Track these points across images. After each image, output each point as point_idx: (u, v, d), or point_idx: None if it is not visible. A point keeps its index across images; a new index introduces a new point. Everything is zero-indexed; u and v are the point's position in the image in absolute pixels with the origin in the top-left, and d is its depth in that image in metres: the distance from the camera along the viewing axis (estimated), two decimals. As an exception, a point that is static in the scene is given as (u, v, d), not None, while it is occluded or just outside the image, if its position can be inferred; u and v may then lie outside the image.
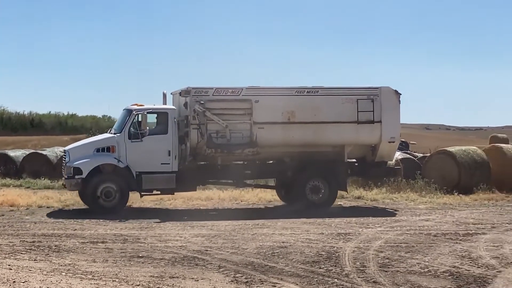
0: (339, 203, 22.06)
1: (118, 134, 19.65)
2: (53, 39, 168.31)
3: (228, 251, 12.78)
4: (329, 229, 15.85)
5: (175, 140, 19.75)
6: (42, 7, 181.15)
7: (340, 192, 23.13)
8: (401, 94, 21.01)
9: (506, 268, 11.20)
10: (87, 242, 13.81)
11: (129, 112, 19.91)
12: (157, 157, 19.57)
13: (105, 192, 19.21)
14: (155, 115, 20.18)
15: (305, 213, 18.78)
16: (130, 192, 19.72)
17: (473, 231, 15.42)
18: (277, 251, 12.78)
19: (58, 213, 19.17)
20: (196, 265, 11.50)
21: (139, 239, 14.30)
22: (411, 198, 22.81)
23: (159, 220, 17.36)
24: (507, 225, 16.64)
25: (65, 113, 78.34)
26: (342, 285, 9.99)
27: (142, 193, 20.10)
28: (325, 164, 20.76)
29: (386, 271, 10.92)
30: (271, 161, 21.20)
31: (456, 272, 10.85)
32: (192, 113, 19.64)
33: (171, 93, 21.58)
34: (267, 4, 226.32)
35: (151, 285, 9.92)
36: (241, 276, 10.56)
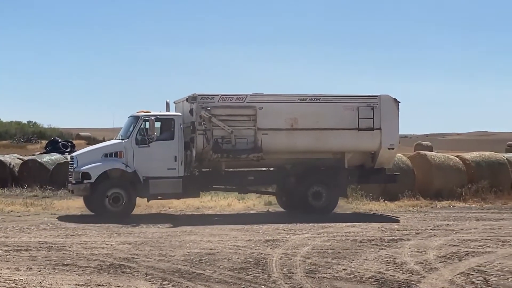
0: (266, 209, 22.17)
1: (125, 140, 19.96)
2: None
3: (155, 259, 12.68)
4: (257, 235, 15.88)
5: (181, 146, 20.10)
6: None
7: (268, 198, 23.35)
8: (400, 102, 21.51)
9: (430, 273, 11.41)
10: (11, 250, 13.51)
11: (136, 118, 20.21)
12: (163, 163, 19.91)
13: (113, 198, 19.47)
14: (159, 122, 20.32)
15: (233, 220, 18.82)
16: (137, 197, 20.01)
17: (398, 237, 15.66)
18: (204, 258, 12.74)
19: (-19, 221, 18.72)
20: (123, 272, 11.38)
21: (64, 246, 14.06)
22: (338, 205, 22.99)
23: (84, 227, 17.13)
24: (431, 231, 16.96)
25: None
26: (269, 291, 10.01)
27: (149, 199, 20.37)
28: (327, 171, 21.14)
29: (312, 277, 11.00)
30: (274, 168, 21.57)
31: (381, 278, 11.00)
32: (198, 119, 19.95)
33: (174, 102, 21.98)
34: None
35: (76, 293, 9.76)
36: (168, 284, 10.49)
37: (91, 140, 79.57)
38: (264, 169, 21.65)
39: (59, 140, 42.21)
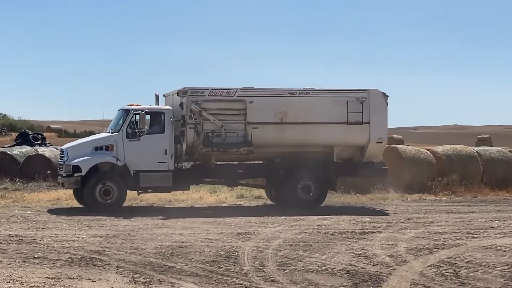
0: (239, 203, 22.18)
1: (116, 133, 19.97)
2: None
3: (126, 252, 12.64)
4: (229, 228, 15.89)
5: (172, 139, 20.14)
6: None
7: (240, 192, 23.37)
8: (388, 96, 21.55)
9: (400, 266, 11.49)
10: (-20, 243, 13.40)
11: (126, 112, 20.21)
12: (154, 156, 19.95)
13: (104, 190, 19.48)
14: (149, 115, 20.33)
15: (205, 213, 18.82)
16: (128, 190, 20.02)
17: (369, 230, 15.76)
18: (176, 251, 12.72)
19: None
20: (94, 265, 11.33)
21: (35, 239, 13.97)
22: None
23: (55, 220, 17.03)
24: (401, 224, 17.08)
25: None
26: (241, 284, 10.03)
27: (139, 192, 20.47)
28: (316, 164, 21.13)
29: (284, 270, 11.03)
30: (263, 161, 21.62)
31: (352, 270, 11.06)
32: (189, 113, 19.96)
33: (163, 95, 22.05)
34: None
35: (47, 286, 9.71)
36: (140, 277, 10.47)
37: (61, 133, 79.02)
38: (253, 162, 21.77)
39: (30, 133, 41.82)
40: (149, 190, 20.60)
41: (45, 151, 30.01)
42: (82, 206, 20.07)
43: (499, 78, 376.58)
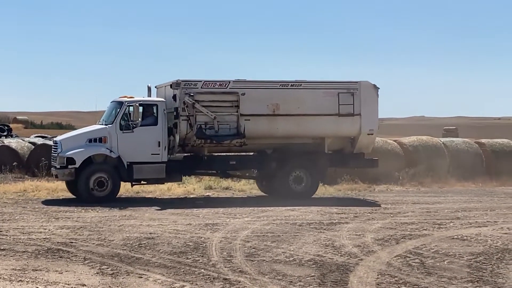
0: (207, 194, 22.16)
1: (109, 125, 20.01)
2: None
3: (94, 243, 12.57)
4: (197, 219, 15.88)
5: (165, 131, 20.23)
6: None
7: (208, 183, 23.37)
8: (379, 88, 21.68)
9: (368, 256, 11.57)
10: None
11: (120, 104, 20.27)
12: (147, 148, 20.06)
13: (98, 182, 19.55)
14: (142, 107, 20.32)
15: (173, 205, 18.79)
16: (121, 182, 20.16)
17: (336, 221, 15.84)
18: (144, 242, 12.69)
19: None
20: (61, 257, 11.26)
21: (1, 231, 13.83)
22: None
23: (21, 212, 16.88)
24: (368, 214, 17.19)
25: None
26: (209, 275, 10.03)
27: (132, 183, 20.65)
28: (307, 155, 21.35)
29: (252, 261, 11.05)
30: (255, 152, 21.76)
31: (320, 261, 11.11)
32: (182, 105, 20.02)
33: (155, 87, 22.08)
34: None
35: (13, 278, 9.62)
36: (107, 268, 10.42)
37: (28, 124, 78.34)
38: (245, 154, 21.89)
39: (-4, 124, 41.38)
40: (142, 182, 20.69)
41: (11, 142, 29.69)
42: (75, 197, 20.19)
43: (465, 70, 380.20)
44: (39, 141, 29.89)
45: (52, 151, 20.80)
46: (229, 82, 20.69)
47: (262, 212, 17.39)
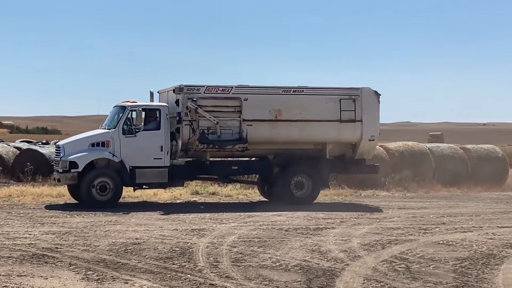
0: (193, 199, 22.13)
1: (112, 130, 20.04)
2: None
3: (79, 249, 12.52)
4: (183, 225, 15.85)
5: (167, 136, 20.23)
6: None
7: (195, 188, 23.36)
8: (380, 95, 21.75)
9: (354, 261, 11.58)
10: None
11: (123, 108, 20.30)
12: (150, 152, 20.10)
13: (100, 186, 19.56)
14: (144, 112, 20.21)
15: (160, 209, 18.75)
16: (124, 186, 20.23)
17: (323, 226, 15.86)
18: (130, 247, 12.65)
19: None
20: (46, 263, 11.21)
21: (-14, 237, 13.75)
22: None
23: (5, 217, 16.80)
24: (355, 219, 17.22)
25: None
26: (195, 280, 10.01)
27: (135, 188, 20.70)
28: (309, 161, 21.38)
29: (238, 266, 11.04)
30: (257, 158, 21.77)
31: (306, 266, 11.12)
32: (185, 109, 20.07)
33: (157, 92, 22.05)
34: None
35: (-2, 284, 9.57)
36: (93, 274, 10.38)
37: (13, 129, 78.01)
38: (247, 159, 21.94)
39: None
40: (144, 186, 20.70)
41: (-4, 147, 29.53)
42: (77, 202, 20.27)
43: (451, 75, 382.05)
44: (25, 146, 29.80)
45: (55, 155, 20.83)
46: (232, 87, 20.74)
47: (248, 217, 17.39)
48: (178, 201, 21.67)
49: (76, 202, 20.46)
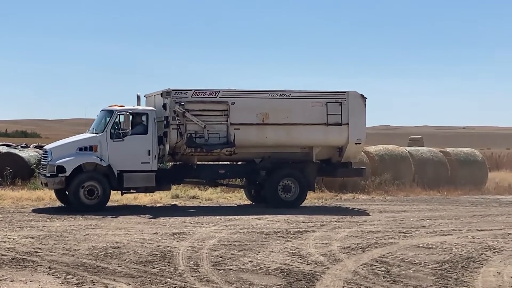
0: (173, 203, 22.08)
1: (100, 134, 19.92)
2: None
3: (59, 253, 12.46)
4: (164, 228, 15.81)
5: (155, 140, 20.17)
6: None
7: (175, 192, 23.33)
8: (366, 98, 21.82)
9: (334, 264, 11.61)
10: None
11: (110, 112, 20.19)
12: (137, 157, 20.00)
13: (88, 190, 19.45)
14: (132, 116, 20.10)
15: (140, 213, 18.70)
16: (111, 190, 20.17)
17: (303, 229, 15.87)
18: (110, 251, 12.60)
19: None
20: (25, 267, 11.13)
21: (-36, 241, 13.65)
22: (244, 197, 23.16)
23: (-14, 221, 16.68)
24: (335, 223, 17.25)
25: None
26: (176, 284, 9.99)
27: (123, 192, 20.60)
28: (296, 164, 21.47)
29: (219, 270, 11.03)
30: (244, 161, 21.76)
31: (286, 269, 11.12)
32: (172, 114, 20.09)
33: (144, 96, 22.06)
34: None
35: (-24, 289, 9.50)
36: (72, 278, 10.33)
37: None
38: (234, 163, 21.97)
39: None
40: (131, 190, 20.65)
41: (-25, 150, 29.29)
42: (65, 205, 20.21)
43: (430, 79, 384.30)
44: (4, 149, 29.55)
45: (42, 160, 20.69)
46: (219, 91, 20.75)
47: (229, 221, 17.37)
48: (158, 205, 21.61)
49: (59, 206, 20.35)
